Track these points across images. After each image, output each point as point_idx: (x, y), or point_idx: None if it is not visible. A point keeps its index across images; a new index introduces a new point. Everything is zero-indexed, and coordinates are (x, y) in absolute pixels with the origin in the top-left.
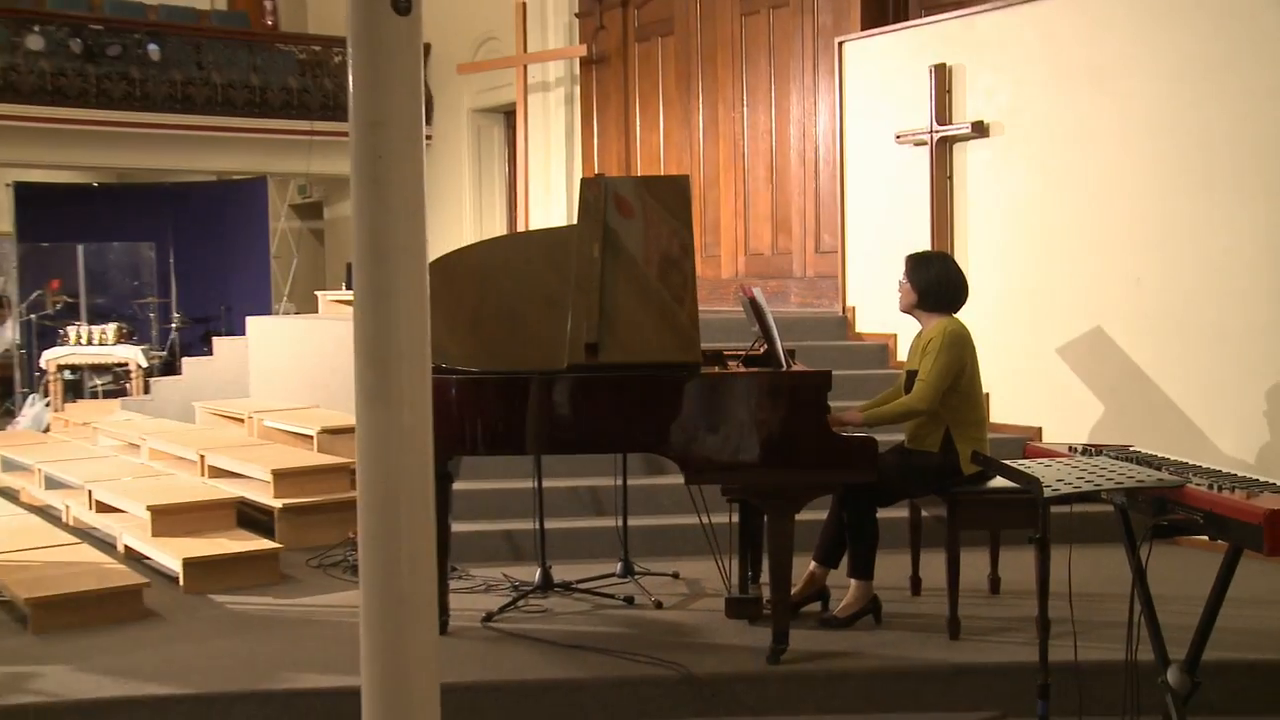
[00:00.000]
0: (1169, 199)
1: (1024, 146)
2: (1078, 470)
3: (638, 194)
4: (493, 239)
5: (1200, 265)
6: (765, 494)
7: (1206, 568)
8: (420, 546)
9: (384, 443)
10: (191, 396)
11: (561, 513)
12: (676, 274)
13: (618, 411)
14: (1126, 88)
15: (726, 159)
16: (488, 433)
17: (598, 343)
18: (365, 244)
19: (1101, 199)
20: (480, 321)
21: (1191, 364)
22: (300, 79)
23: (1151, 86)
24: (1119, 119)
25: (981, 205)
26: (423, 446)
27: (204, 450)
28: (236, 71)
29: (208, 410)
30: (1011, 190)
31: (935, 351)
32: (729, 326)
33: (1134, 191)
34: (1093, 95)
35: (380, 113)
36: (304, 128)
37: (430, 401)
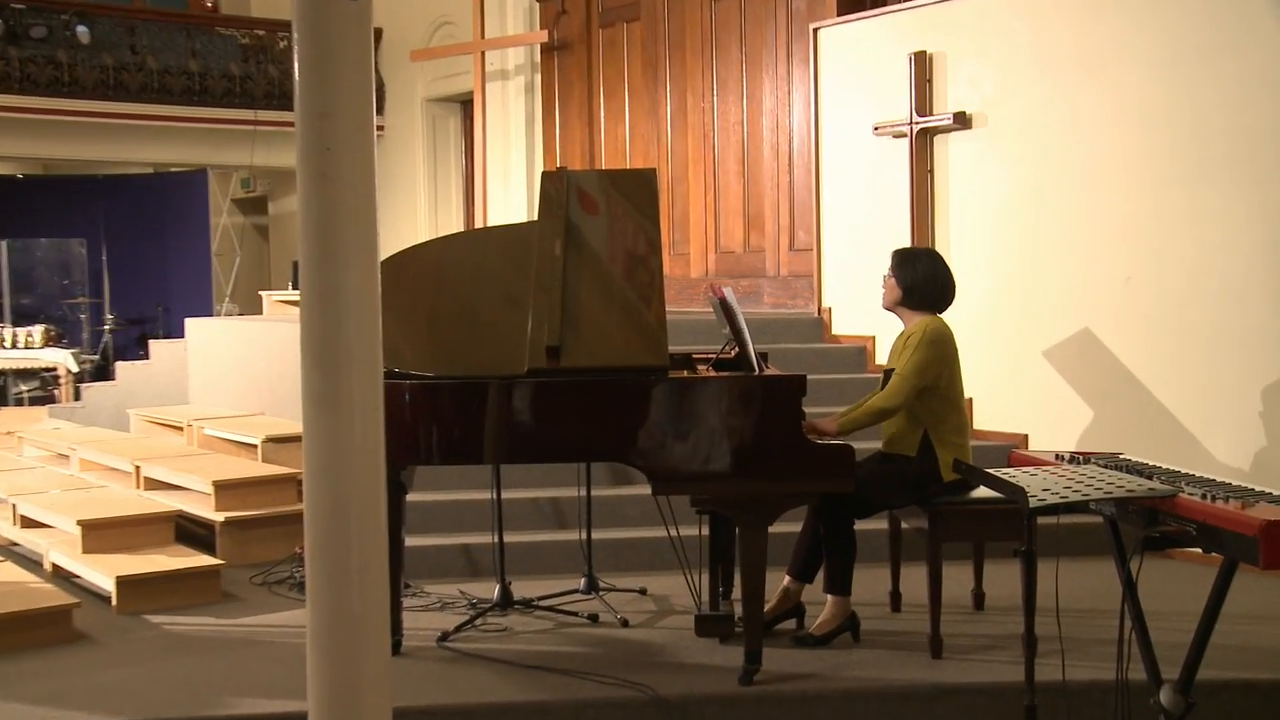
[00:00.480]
0: (1161, 192)
1: (1009, 138)
2: (1065, 479)
3: (602, 188)
4: (449, 236)
5: (1194, 262)
6: (737, 505)
7: (1200, 582)
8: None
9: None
10: (126, 403)
11: (522, 526)
12: (643, 273)
13: (581, 418)
14: (1117, 76)
15: (695, 151)
16: (443, 441)
17: (560, 345)
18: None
19: (1090, 193)
20: (436, 323)
21: (1185, 366)
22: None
23: (1144, 74)
24: (1109, 109)
25: (964, 200)
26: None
27: (139, 460)
28: (173, 56)
29: (143, 418)
30: (996, 185)
31: (914, 346)
32: (698, 328)
33: (1125, 185)
34: (1082, 84)
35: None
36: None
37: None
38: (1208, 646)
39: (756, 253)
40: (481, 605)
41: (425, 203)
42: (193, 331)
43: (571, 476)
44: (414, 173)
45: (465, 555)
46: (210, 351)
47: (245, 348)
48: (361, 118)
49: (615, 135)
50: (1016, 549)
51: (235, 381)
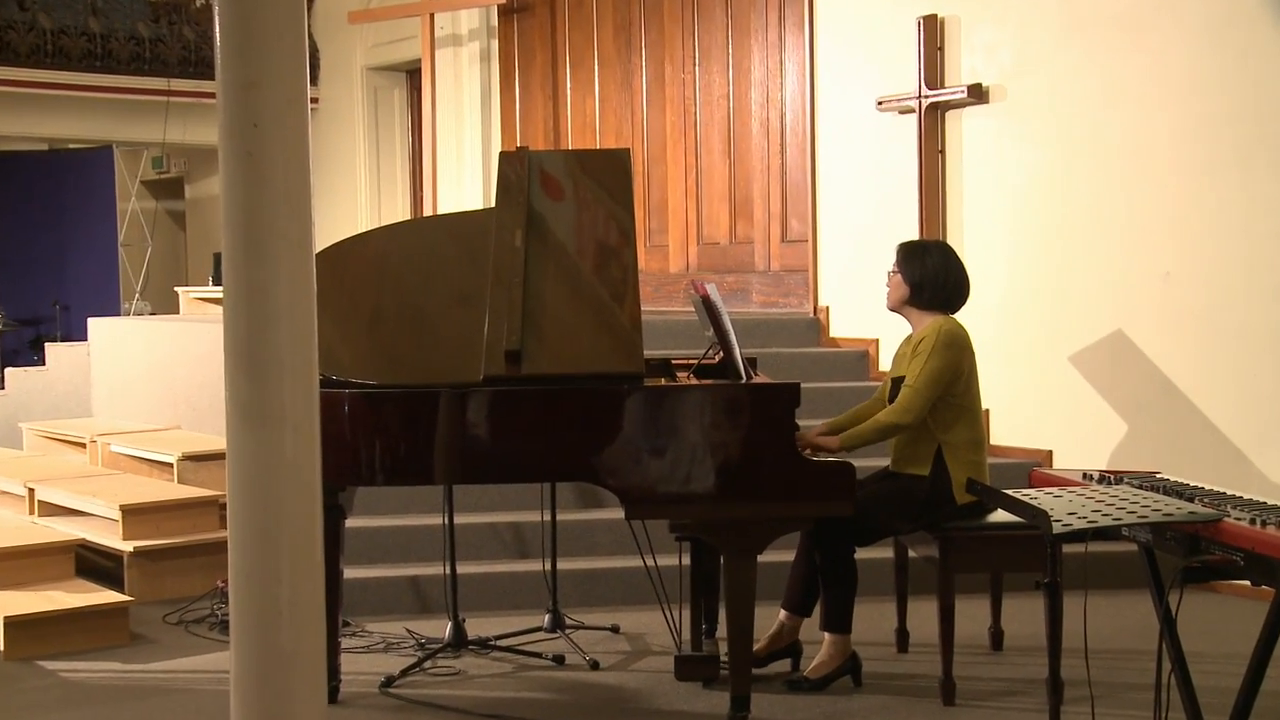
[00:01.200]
0: (1208, 176)
1: (1031, 114)
2: (1094, 502)
3: (568, 171)
4: (394, 225)
5: (1244, 255)
6: (722, 531)
7: (1249, 619)
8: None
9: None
10: (17, 416)
11: (477, 554)
12: (615, 267)
13: (545, 432)
14: (1158, 41)
15: (675, 129)
16: (388, 458)
17: (520, 350)
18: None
19: (1126, 177)
20: (379, 324)
21: (1232, 374)
22: (153, 26)
23: (1189, 39)
24: (1149, 79)
25: (980, 185)
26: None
27: (33, 482)
28: (71, 15)
29: (38, 433)
30: (1016, 167)
31: (927, 353)
32: (678, 330)
33: (1166, 168)
34: (1117, 50)
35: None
36: (158, 86)
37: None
38: (1258, 694)
39: (744, 244)
40: (431, 646)
41: (366, 187)
42: (96, 333)
43: (534, 499)
44: (353, 152)
45: (413, 588)
46: (117, 356)
47: (158, 352)
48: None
49: (583, 110)
50: (1039, 581)
51: (147, 391)
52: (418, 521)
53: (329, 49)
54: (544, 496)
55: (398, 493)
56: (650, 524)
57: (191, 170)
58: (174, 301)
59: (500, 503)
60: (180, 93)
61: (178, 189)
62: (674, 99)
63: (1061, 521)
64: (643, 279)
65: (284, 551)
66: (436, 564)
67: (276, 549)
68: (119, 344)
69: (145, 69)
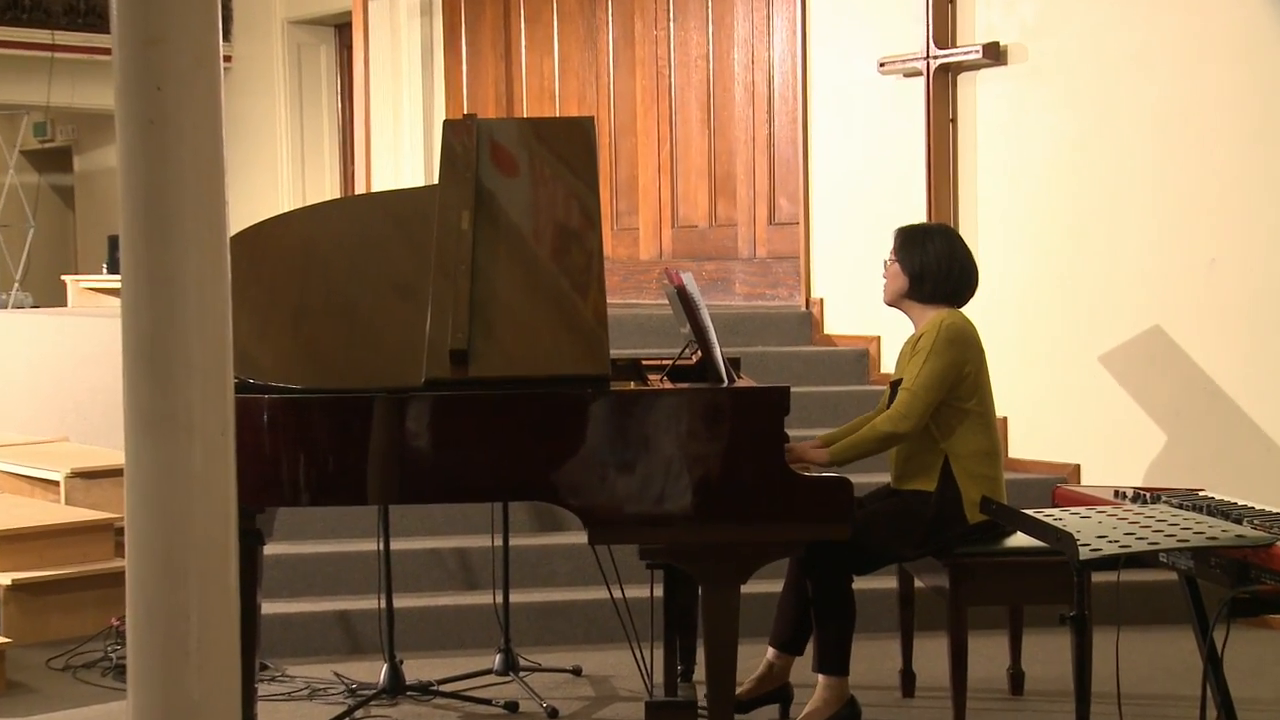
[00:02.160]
0: (1258, 149)
1: (1056, 77)
2: (1127, 523)
3: (523, 142)
4: (321, 204)
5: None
6: (700, 557)
7: None
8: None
9: (166, 489)
10: None
11: (417, 585)
12: (577, 253)
13: (496, 444)
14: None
15: (647, 94)
16: (314, 474)
17: (467, 349)
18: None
19: (1164, 149)
20: (303, 319)
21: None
22: None
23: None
24: (1189, 38)
25: (997, 159)
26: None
27: None
28: None
29: None
30: (1039, 138)
31: (926, 351)
32: (649, 326)
33: (1209, 139)
34: (1153, 4)
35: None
36: (41, 40)
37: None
38: None
39: (726, 227)
40: (363, 692)
41: (289, 160)
42: None
43: (483, 521)
44: (273, 120)
45: (342, 625)
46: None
47: (43, 351)
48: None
49: (540, 71)
50: (1064, 615)
51: (28, 396)
52: (348, 547)
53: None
54: (495, 518)
55: (325, 514)
56: (617, 550)
57: (81, 139)
58: (61, 292)
59: (444, 525)
60: (67, 48)
61: (65, 161)
62: (645, 60)
63: (1090, 546)
64: (610, 267)
65: (192, 584)
66: (370, 597)
67: (183, 581)
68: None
69: (24, 19)
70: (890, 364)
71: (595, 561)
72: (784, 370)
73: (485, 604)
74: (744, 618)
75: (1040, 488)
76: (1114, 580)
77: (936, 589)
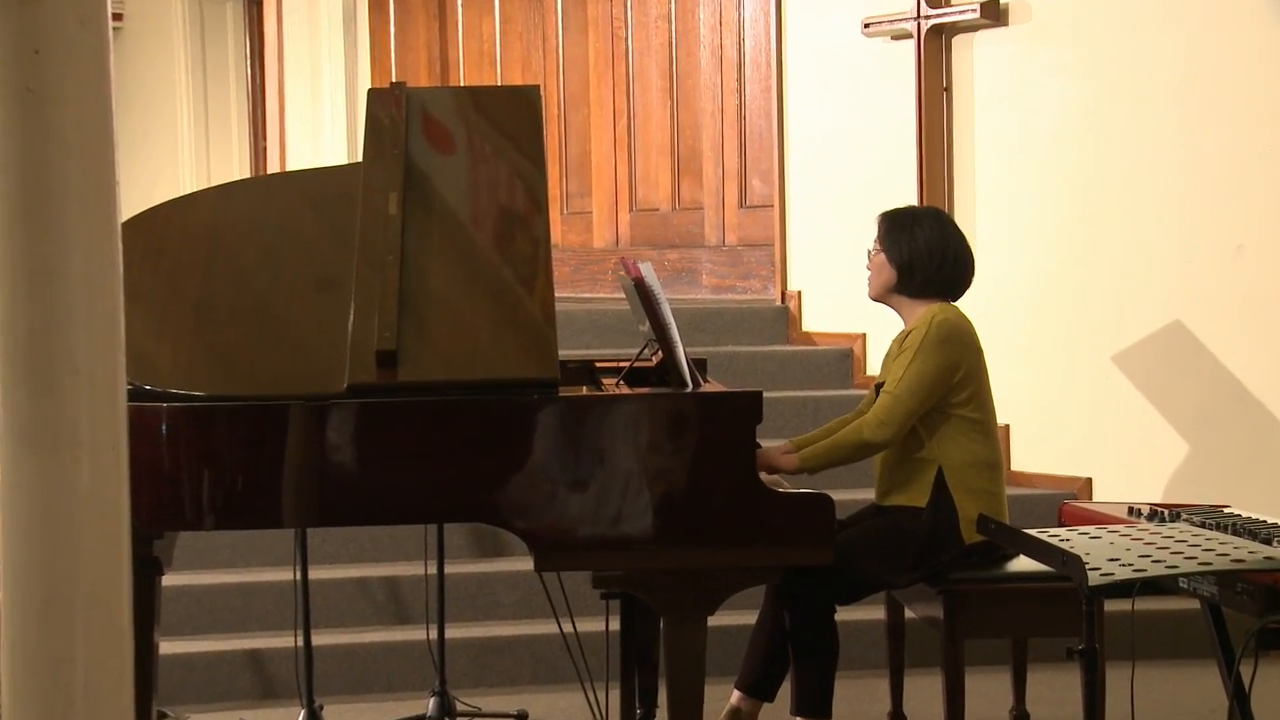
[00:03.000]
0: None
1: (1064, 39)
2: (1143, 544)
3: (460, 114)
4: (228, 185)
5: None
6: (662, 586)
7: None
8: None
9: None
10: None
11: (340, 620)
12: (522, 241)
13: (430, 458)
14: None
15: (600, 59)
16: (220, 494)
17: (397, 350)
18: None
19: (1185, 122)
20: (208, 317)
21: None
22: None
23: None
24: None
25: (998, 133)
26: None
27: None
28: None
29: None
30: (1044, 109)
31: (914, 349)
32: (603, 323)
33: (1237, 109)
34: None
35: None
36: None
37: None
38: None
39: (691, 211)
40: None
41: (190, 135)
42: None
43: (416, 546)
44: (171, 89)
45: (253, 666)
46: None
47: None
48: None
49: (479, 33)
50: (1073, 649)
51: None
52: (260, 577)
53: None
54: (428, 542)
55: (234, 540)
56: (568, 578)
57: None
58: None
59: (370, 551)
60: None
61: None
62: (598, 20)
63: (1101, 570)
64: (559, 257)
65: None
66: (285, 633)
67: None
68: None
69: None
70: (877, 365)
71: (543, 591)
72: (757, 372)
73: (418, 640)
74: (711, 654)
75: (1046, 504)
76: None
77: (929, 620)
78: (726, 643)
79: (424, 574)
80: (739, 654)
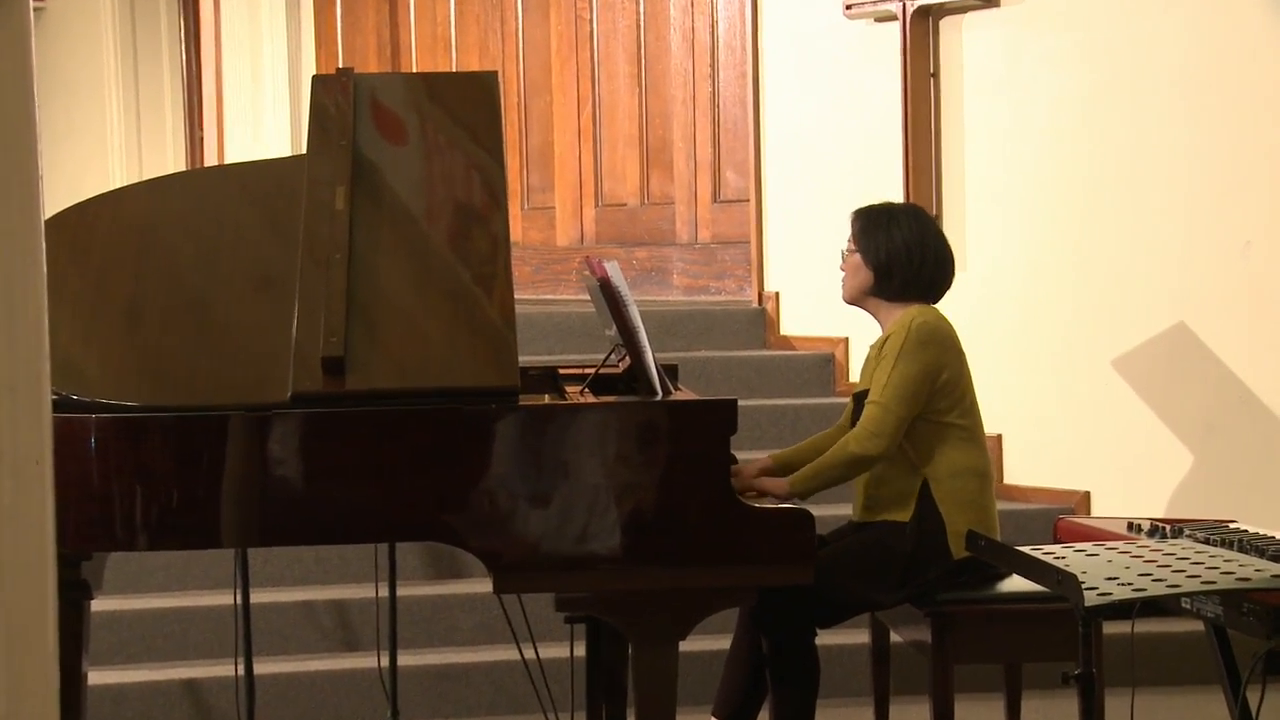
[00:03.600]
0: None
1: (1061, 22)
2: (1143, 562)
3: (412, 102)
4: (162, 179)
5: None
6: (630, 609)
7: None
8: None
9: None
10: None
11: (284, 647)
12: (479, 239)
13: (380, 473)
14: None
15: (563, 43)
16: (154, 511)
17: (345, 356)
18: None
19: (1191, 110)
20: (140, 321)
21: None
22: None
23: None
24: None
25: (989, 122)
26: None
27: None
28: None
29: None
30: (1040, 96)
31: (894, 355)
32: (567, 327)
33: (1247, 94)
34: None
35: None
36: None
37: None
38: None
39: (661, 206)
40: None
41: (121, 126)
42: None
43: (365, 567)
44: (99, 76)
45: (190, 697)
46: None
47: None
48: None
49: (433, 15)
50: (1069, 674)
51: None
52: (197, 601)
53: None
54: (379, 563)
55: (169, 561)
56: (530, 600)
57: None
58: None
59: (317, 573)
60: None
61: None
62: (561, 1)
63: (1098, 590)
64: (519, 255)
65: None
66: (225, 661)
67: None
68: None
69: None
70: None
71: (503, 614)
72: (732, 379)
73: (368, 668)
74: (683, 681)
75: (1041, 520)
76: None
77: (916, 644)
78: (699, 669)
79: (374, 597)
80: (713, 681)
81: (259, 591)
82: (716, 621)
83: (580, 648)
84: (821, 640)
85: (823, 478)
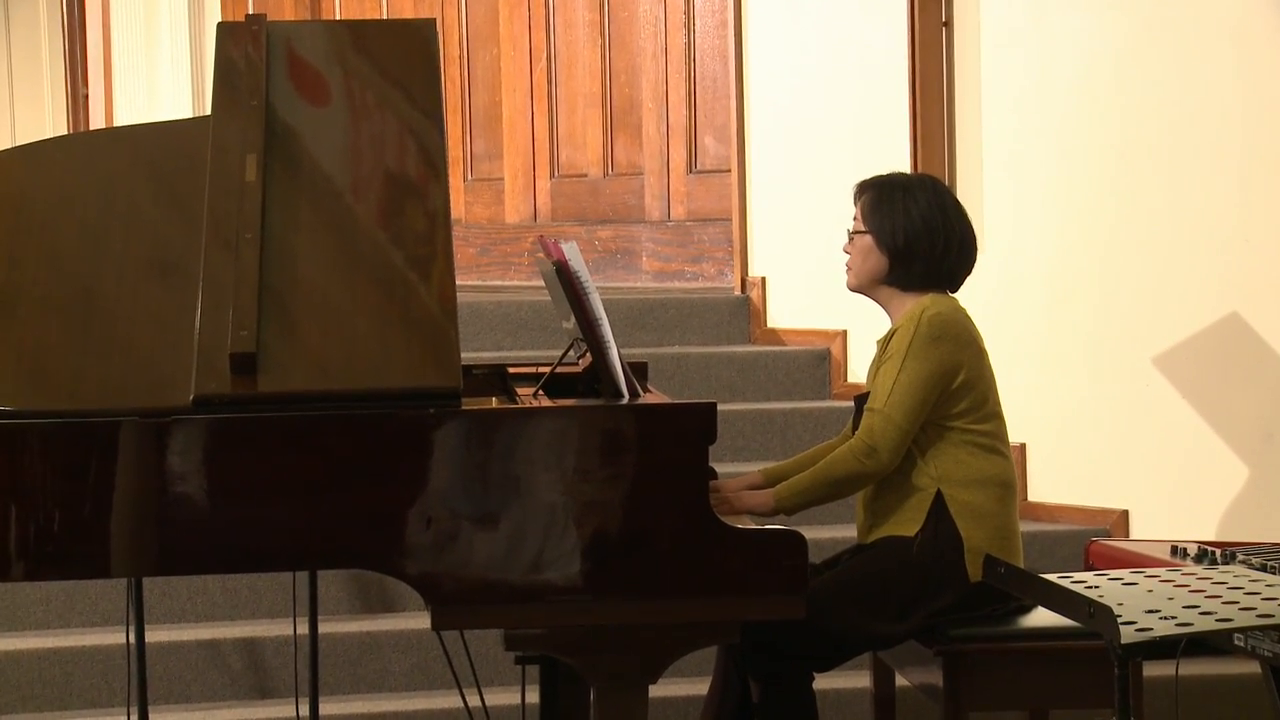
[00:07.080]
0: None
1: None
2: (1188, 591)
3: (336, 54)
4: (39, 144)
5: None
6: (590, 648)
7: None
8: None
9: None
10: None
11: (185, 694)
12: (415, 215)
13: (299, 489)
14: None
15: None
16: (31, 536)
17: (257, 353)
18: None
19: (1246, 64)
20: (13, 311)
21: None
22: None
23: None
24: None
25: (1008, 81)
26: None
27: None
28: None
29: None
30: (1067, 49)
31: (900, 354)
32: (518, 317)
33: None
34: None
35: None
36: None
37: None
38: None
39: (628, 177)
40: None
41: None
42: None
43: (282, 599)
44: None
45: None
46: None
47: None
48: None
49: None
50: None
51: None
52: (83, 641)
53: None
54: (297, 595)
55: (49, 594)
56: (475, 638)
57: None
58: None
59: (224, 608)
60: None
61: None
62: None
63: (1137, 624)
64: (462, 234)
65: None
66: (116, 711)
67: None
68: None
69: None
70: (858, 372)
71: (442, 655)
72: (710, 379)
73: (284, 718)
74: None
75: (1070, 543)
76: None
77: (925, 688)
78: (672, 717)
79: (292, 635)
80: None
81: (156, 629)
82: (692, 662)
83: (533, 693)
84: (818, 685)
85: (812, 494)
